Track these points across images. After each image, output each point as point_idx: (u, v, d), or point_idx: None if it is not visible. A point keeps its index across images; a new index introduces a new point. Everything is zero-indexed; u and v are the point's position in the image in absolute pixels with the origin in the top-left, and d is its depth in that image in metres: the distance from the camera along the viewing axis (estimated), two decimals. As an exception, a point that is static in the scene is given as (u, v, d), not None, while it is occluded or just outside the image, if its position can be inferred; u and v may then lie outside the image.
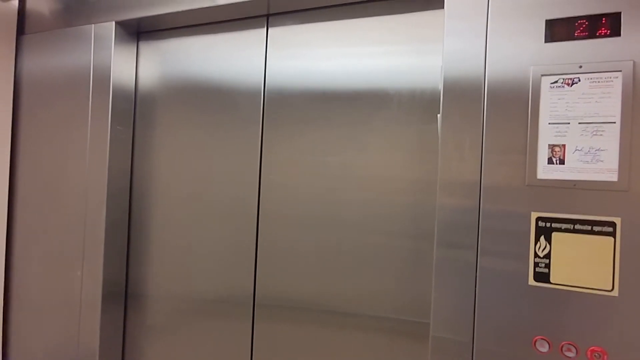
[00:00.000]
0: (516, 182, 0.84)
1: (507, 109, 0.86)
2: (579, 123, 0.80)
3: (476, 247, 0.87)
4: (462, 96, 0.90)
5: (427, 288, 1.02)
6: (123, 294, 1.37)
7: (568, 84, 0.80)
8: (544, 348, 0.80)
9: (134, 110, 1.38)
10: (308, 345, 1.15)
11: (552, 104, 0.82)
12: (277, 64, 1.20)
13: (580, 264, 0.78)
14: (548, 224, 0.81)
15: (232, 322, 1.23)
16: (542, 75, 0.82)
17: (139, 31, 1.36)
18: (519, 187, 0.84)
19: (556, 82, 0.81)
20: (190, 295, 1.29)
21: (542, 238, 0.81)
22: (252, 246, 1.22)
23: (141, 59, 1.37)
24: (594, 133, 0.79)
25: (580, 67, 0.80)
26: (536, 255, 0.81)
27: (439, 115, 0.93)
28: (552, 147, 0.81)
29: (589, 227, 0.77)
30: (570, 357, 0.78)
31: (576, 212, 0.79)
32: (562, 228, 0.79)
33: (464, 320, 0.88)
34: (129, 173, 1.38)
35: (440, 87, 0.92)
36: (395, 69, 1.07)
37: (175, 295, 1.31)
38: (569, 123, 0.80)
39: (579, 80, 0.80)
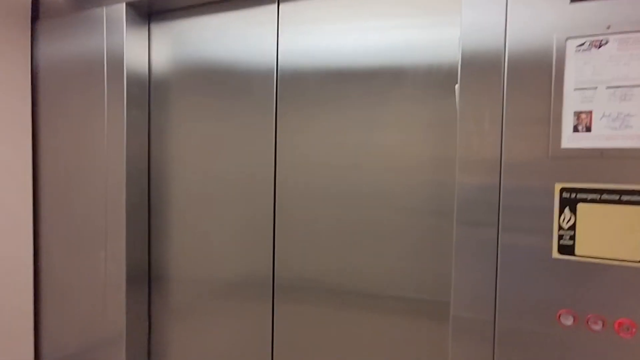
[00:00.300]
0: (539, 153, 0.81)
1: (530, 77, 0.82)
2: (607, 87, 0.76)
3: (497, 222, 0.85)
4: (481, 66, 0.87)
5: (447, 267, 1.00)
6: (146, 277, 1.41)
7: (595, 46, 0.76)
8: (568, 321, 0.78)
9: (149, 93, 1.38)
10: (328, 324, 1.16)
11: (577, 68, 0.78)
12: (290, 41, 1.18)
13: (608, 234, 0.75)
14: (573, 195, 0.77)
15: (253, 302, 1.25)
16: (567, 38, 0.78)
17: (149, 12, 1.35)
18: (542, 158, 0.81)
19: (582, 44, 0.77)
20: (211, 277, 1.31)
21: (566, 209, 0.78)
22: (269, 227, 1.22)
23: (153, 41, 1.37)
24: (623, 97, 0.74)
25: (609, 27, 0.75)
26: (560, 227, 0.79)
27: (457, 85, 0.90)
28: (577, 114, 0.78)
29: (617, 197, 0.74)
30: (596, 330, 0.76)
31: (603, 181, 0.76)
32: (588, 199, 0.76)
33: (485, 298, 0.87)
34: (147, 156, 1.39)
35: (459, 57, 0.89)
36: (411, 43, 1.04)
37: (197, 277, 1.33)
38: (596, 88, 0.76)
39: (607, 42, 0.75)
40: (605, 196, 0.75)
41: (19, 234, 1.40)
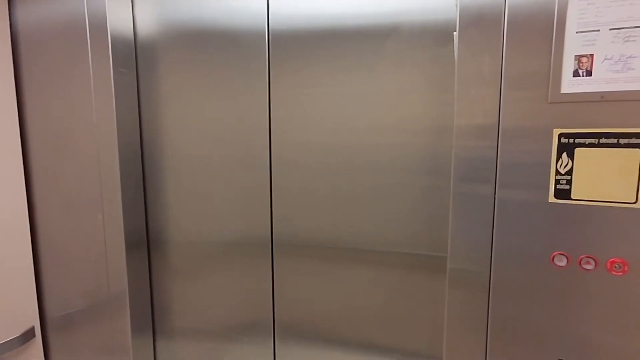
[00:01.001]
0: (538, 100, 0.81)
1: (530, 21, 0.80)
2: (610, 29, 0.74)
3: (495, 174, 0.86)
4: (480, 13, 0.84)
5: (444, 223, 1.02)
6: (145, 240, 1.41)
7: (600, -14, 0.74)
8: (562, 262, 0.81)
9: (135, 53, 1.33)
10: (327, 280, 1.19)
11: (580, 10, 0.76)
12: (281, -9, 1.12)
13: (604, 178, 0.76)
14: (571, 140, 0.78)
15: (253, 260, 1.27)
16: (571, -22, 0.76)
17: (130, -37, 1.27)
18: (540, 105, 0.81)
19: (587, -16, 0.75)
20: (209, 239, 1.32)
21: (564, 155, 0.79)
22: (266, 186, 1.22)
23: (136, -5, 1.30)
24: (626, 39, 0.73)
25: (615, -36, 0.73)
26: (557, 172, 0.80)
27: (455, 33, 0.87)
28: (578, 58, 0.77)
29: (615, 140, 0.75)
30: (588, 270, 0.79)
31: (602, 125, 0.76)
32: (586, 143, 0.77)
33: (481, 250, 0.89)
34: (137, 117, 1.36)
35: (457, 3, 0.86)
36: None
37: (195, 240, 1.34)
38: (598, 30, 0.75)
39: (612, -19, 0.73)
40: (603, 140, 0.76)
41: (12, 200, 1.38)
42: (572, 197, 0.79)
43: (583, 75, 0.77)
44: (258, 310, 1.29)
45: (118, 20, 1.26)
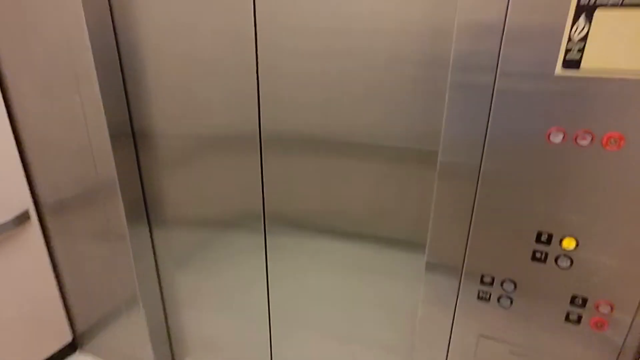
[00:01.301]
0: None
1: None
2: None
3: (498, 49, 0.78)
4: None
5: (439, 117, 0.96)
6: (130, 133, 1.36)
7: None
8: (557, 138, 0.79)
9: None
10: (316, 173, 1.17)
11: None
12: None
13: (619, 45, 0.70)
14: (592, 1, 0.69)
15: (241, 155, 1.24)
16: None
17: None
18: (563, -41, 0.70)
19: None
20: (196, 133, 1.27)
21: (581, 18, 0.71)
22: (253, 79, 1.13)
23: None
24: None
25: None
26: (570, 40, 0.72)
27: None
28: None
29: (641, -1, 0.66)
30: (583, 146, 0.77)
31: (630, -19, 0.67)
32: (609, 3, 0.68)
33: (474, 142, 0.86)
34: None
35: None
36: None
37: (182, 133, 1.29)
38: None
39: None
40: (627, -1, 0.67)
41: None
42: (582, 66, 0.73)
43: None
44: (248, 201, 1.31)
45: None
